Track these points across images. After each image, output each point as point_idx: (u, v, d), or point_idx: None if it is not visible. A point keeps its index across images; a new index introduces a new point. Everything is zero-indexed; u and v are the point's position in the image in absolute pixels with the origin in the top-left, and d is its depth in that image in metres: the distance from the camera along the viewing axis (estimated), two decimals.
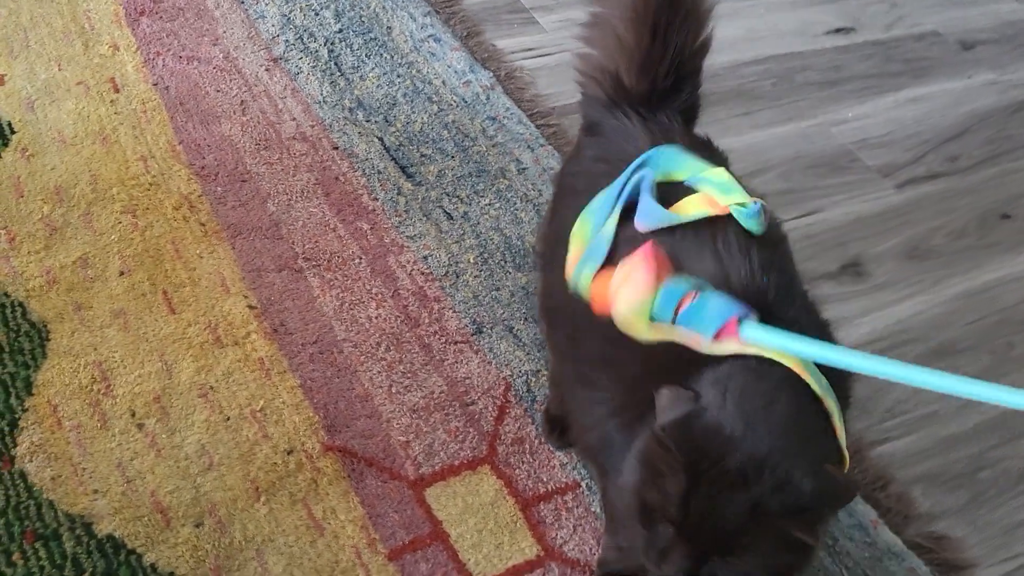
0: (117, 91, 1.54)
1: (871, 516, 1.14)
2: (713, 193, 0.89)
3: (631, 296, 0.81)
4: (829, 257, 1.49)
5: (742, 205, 0.86)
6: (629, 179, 0.91)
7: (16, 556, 1.00)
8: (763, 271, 0.83)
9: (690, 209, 0.88)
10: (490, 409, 1.20)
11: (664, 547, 0.73)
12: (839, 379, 0.83)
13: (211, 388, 1.17)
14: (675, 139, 0.98)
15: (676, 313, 0.78)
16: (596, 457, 0.94)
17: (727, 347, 0.77)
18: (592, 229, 0.90)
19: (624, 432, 0.82)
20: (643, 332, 0.81)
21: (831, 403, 0.78)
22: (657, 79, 1.01)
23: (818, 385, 0.78)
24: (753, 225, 0.86)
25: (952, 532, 1.16)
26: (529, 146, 1.58)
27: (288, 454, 1.12)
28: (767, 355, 0.77)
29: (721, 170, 0.92)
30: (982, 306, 1.45)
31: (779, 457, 0.71)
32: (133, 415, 1.13)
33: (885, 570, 1.09)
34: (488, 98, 1.66)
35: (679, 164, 0.93)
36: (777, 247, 0.93)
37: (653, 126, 1.00)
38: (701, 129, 1.11)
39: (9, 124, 1.45)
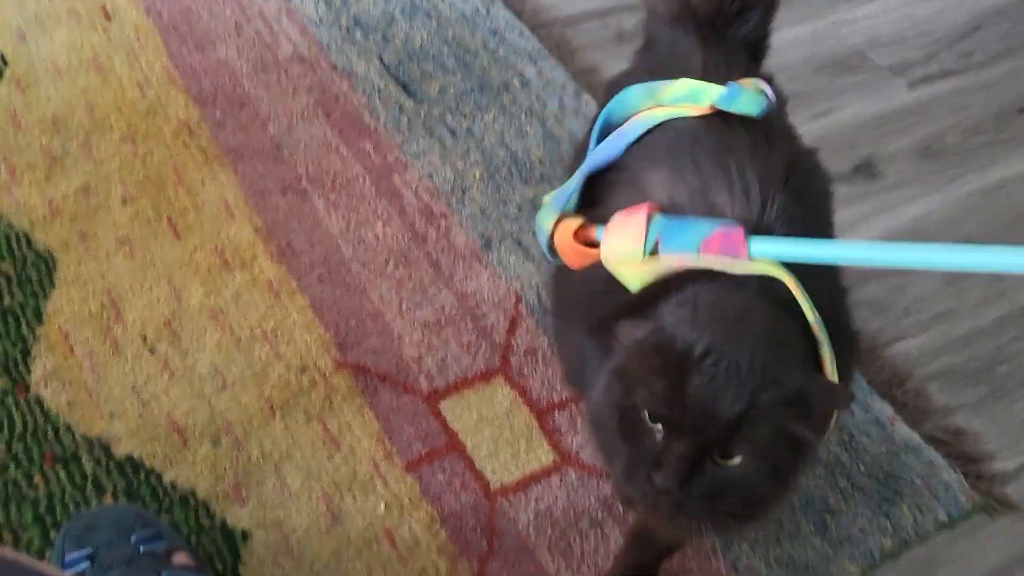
0: (108, 19, 1.51)
1: (888, 413, 1.14)
2: (684, 105, 0.85)
3: (621, 245, 0.77)
4: (841, 159, 1.46)
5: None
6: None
7: (37, 478, 1.01)
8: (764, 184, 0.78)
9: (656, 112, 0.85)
10: (501, 322, 1.19)
11: (656, 454, 0.66)
12: (846, 338, 0.78)
13: (221, 311, 1.17)
14: (729, 66, 0.92)
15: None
16: (579, 384, 0.89)
17: (722, 262, 0.73)
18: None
19: (598, 354, 0.77)
20: (633, 280, 0.77)
21: (822, 335, 0.73)
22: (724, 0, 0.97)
23: (811, 312, 0.72)
24: (745, 106, 0.82)
25: (970, 426, 1.15)
26: (532, 59, 1.55)
27: (301, 372, 1.12)
28: (762, 271, 0.72)
29: (683, 81, 0.87)
30: (998, 203, 1.42)
31: (765, 357, 0.66)
32: (144, 340, 1.13)
33: (903, 464, 1.09)
34: (488, 11, 1.62)
35: (643, 96, 0.89)
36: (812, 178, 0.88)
37: (711, 48, 0.95)
38: None
39: (1, 56, 1.43)
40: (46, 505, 0.99)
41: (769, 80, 0.96)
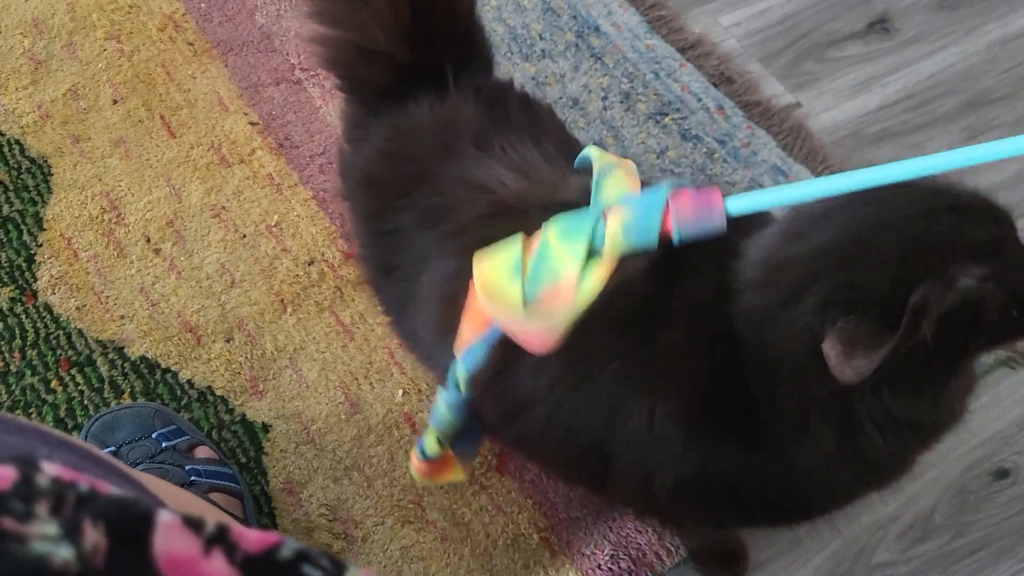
0: None
1: None
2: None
3: (493, 260, 0.65)
4: (854, 16, 1.40)
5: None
6: None
7: (55, 383, 1.01)
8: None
9: None
10: None
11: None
12: None
13: (223, 208, 1.15)
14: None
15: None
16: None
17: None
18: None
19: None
20: (512, 300, 0.64)
21: None
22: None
23: None
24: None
25: None
26: None
27: (309, 265, 1.11)
28: None
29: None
30: (1019, 52, 1.37)
31: None
32: (148, 241, 1.12)
33: None
34: None
35: None
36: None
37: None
38: None
39: None
40: (66, 409, 1.00)
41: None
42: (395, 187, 0.79)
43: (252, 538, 0.33)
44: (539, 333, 0.63)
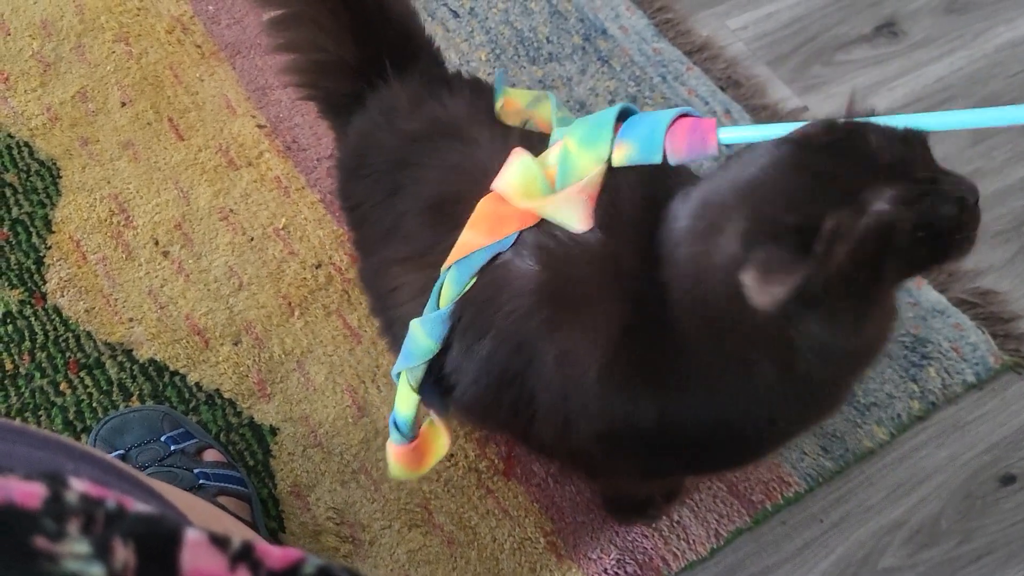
0: None
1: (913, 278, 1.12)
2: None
3: (513, 171, 0.71)
4: (862, 19, 1.39)
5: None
6: None
7: (63, 386, 1.01)
8: None
9: None
10: None
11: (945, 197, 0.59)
12: None
13: (231, 211, 1.15)
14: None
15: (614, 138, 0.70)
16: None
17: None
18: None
19: None
20: (541, 197, 0.69)
21: None
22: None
23: None
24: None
25: (998, 286, 1.13)
26: None
27: (317, 268, 1.11)
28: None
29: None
30: None
31: None
32: (157, 244, 1.12)
33: (930, 328, 1.07)
34: None
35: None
36: None
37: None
38: None
39: None
40: (75, 411, 1.00)
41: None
42: (355, 163, 0.87)
43: (276, 555, 0.33)
44: (580, 212, 0.67)
